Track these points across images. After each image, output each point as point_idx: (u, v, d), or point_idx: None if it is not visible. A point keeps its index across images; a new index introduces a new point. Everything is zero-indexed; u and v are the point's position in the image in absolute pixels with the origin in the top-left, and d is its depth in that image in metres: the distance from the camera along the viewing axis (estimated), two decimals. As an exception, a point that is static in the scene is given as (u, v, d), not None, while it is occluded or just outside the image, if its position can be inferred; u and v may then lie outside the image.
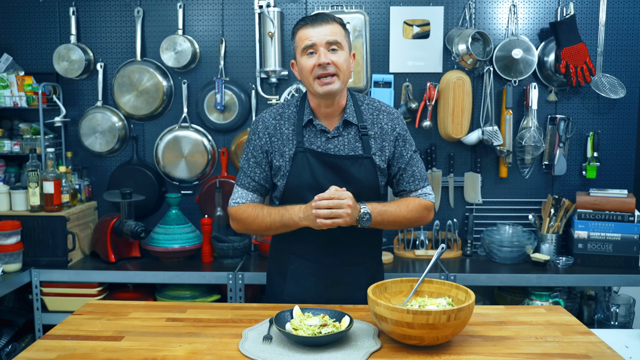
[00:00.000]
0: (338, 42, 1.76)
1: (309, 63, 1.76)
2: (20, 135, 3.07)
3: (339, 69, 1.75)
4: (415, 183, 1.89)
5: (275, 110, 1.90)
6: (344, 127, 1.85)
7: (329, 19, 1.78)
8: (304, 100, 1.89)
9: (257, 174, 1.87)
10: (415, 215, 1.86)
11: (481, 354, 1.46)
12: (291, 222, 1.76)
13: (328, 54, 1.75)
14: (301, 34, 1.79)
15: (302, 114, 1.86)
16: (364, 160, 1.83)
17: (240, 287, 2.71)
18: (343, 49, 1.78)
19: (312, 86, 1.78)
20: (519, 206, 3.14)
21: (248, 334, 1.58)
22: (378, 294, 1.60)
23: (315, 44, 1.75)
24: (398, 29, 3.04)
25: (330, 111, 1.84)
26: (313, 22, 1.77)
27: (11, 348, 2.73)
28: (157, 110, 3.10)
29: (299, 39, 1.80)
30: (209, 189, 3.10)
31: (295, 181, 1.82)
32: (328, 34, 1.75)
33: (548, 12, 3.05)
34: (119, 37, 3.13)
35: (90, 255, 3.01)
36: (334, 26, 1.78)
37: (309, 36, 1.76)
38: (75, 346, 1.52)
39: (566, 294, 2.81)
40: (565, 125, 3.04)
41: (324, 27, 1.76)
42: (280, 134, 1.85)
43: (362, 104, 1.90)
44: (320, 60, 1.74)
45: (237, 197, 1.88)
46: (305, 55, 1.77)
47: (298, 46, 1.80)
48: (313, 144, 1.84)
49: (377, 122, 1.87)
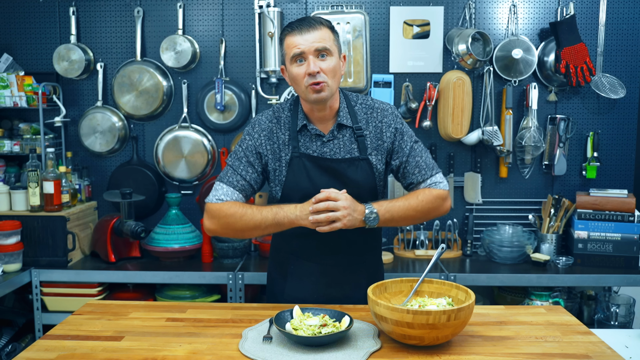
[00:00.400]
0: (327, 49, 1.72)
1: (299, 71, 1.73)
2: (20, 135, 3.07)
3: (328, 76, 1.73)
4: (422, 173, 1.83)
5: (272, 114, 1.87)
6: (339, 130, 1.83)
7: (316, 23, 1.74)
8: (296, 104, 1.86)
9: (248, 173, 1.81)
10: (428, 206, 1.79)
11: (481, 354, 1.46)
12: (286, 220, 1.71)
13: (317, 62, 1.71)
14: (289, 41, 1.74)
15: (295, 119, 1.84)
16: (360, 162, 1.82)
17: (240, 287, 2.71)
18: (332, 54, 1.74)
19: (304, 93, 1.75)
20: (519, 206, 3.14)
21: (248, 334, 1.58)
22: (378, 294, 1.60)
23: (304, 52, 1.71)
24: (398, 29, 3.04)
25: (323, 115, 1.82)
26: (300, 29, 1.73)
27: (11, 348, 2.73)
28: (157, 110, 3.10)
29: (287, 46, 1.75)
30: (209, 189, 3.10)
31: (292, 186, 1.81)
32: (316, 41, 1.71)
33: (548, 12, 3.05)
34: (119, 37, 3.13)
35: (90, 255, 3.01)
36: (322, 31, 1.73)
37: (297, 44, 1.72)
38: (75, 346, 1.52)
39: (566, 294, 2.81)
40: (565, 125, 3.04)
41: (312, 33, 1.72)
42: (277, 138, 1.83)
43: (355, 104, 1.87)
44: (309, 69, 1.70)
45: (221, 194, 1.77)
46: (295, 63, 1.74)
47: (287, 54, 1.76)
48: (309, 148, 1.82)
49: (371, 120, 1.84)
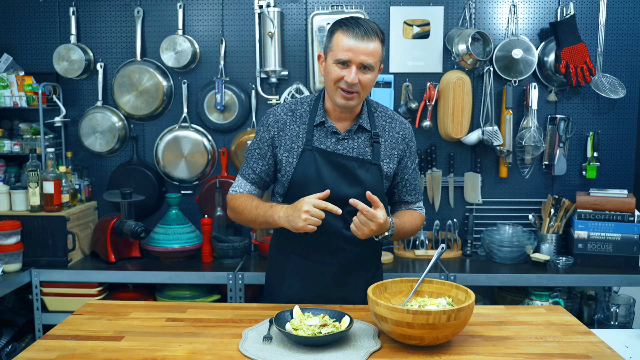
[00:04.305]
0: (372, 65, 1.72)
1: (339, 73, 1.73)
2: (20, 135, 3.07)
3: (362, 88, 1.74)
4: (416, 196, 1.98)
5: (288, 106, 1.90)
6: (356, 132, 1.86)
7: (372, 33, 1.71)
8: (318, 99, 1.88)
9: (259, 166, 1.88)
10: (416, 230, 1.97)
11: (481, 354, 1.46)
12: (271, 219, 1.75)
13: (359, 73, 1.72)
14: (340, 41, 1.72)
15: (314, 114, 1.85)
16: (371, 166, 1.84)
17: (240, 287, 2.71)
18: (374, 70, 1.75)
19: (333, 93, 1.77)
20: (519, 206, 3.14)
21: (248, 334, 1.58)
22: (378, 294, 1.60)
23: (351, 60, 1.71)
24: (398, 29, 3.04)
25: (345, 115, 1.85)
26: (355, 33, 1.70)
27: (11, 348, 2.73)
28: (157, 110, 3.10)
29: (336, 45, 1.73)
30: (209, 189, 3.10)
31: (300, 178, 1.82)
32: (366, 54, 1.70)
33: (548, 12, 3.05)
34: (119, 37, 3.13)
35: (90, 255, 3.01)
36: (375, 44, 1.72)
37: (348, 48, 1.70)
38: (75, 346, 1.52)
39: (566, 294, 2.81)
40: (565, 125, 3.04)
41: (366, 43, 1.70)
42: (290, 130, 1.85)
43: (375, 111, 1.91)
44: (349, 78, 1.71)
45: (236, 186, 1.91)
46: (337, 65, 1.73)
47: (333, 49, 1.74)
48: (323, 143, 1.84)
49: (388, 129, 1.89)
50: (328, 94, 1.83)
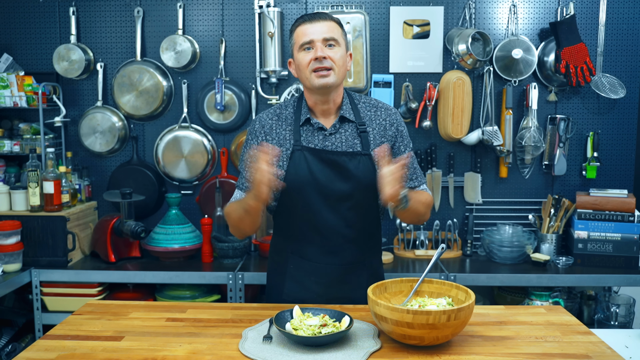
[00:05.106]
0: (335, 39, 1.80)
1: (306, 58, 1.79)
2: (20, 135, 3.07)
3: (335, 64, 1.78)
4: (419, 179, 1.93)
5: (273, 111, 1.92)
6: (341, 124, 1.86)
7: (326, 17, 1.83)
8: (300, 100, 1.90)
9: None
10: (427, 209, 1.87)
11: (481, 354, 1.46)
12: (244, 203, 1.73)
13: (325, 49, 1.78)
14: (299, 31, 1.82)
15: (299, 114, 1.87)
16: (362, 157, 1.83)
17: (240, 287, 2.71)
18: (339, 45, 1.81)
19: (309, 80, 1.80)
20: (519, 206, 3.14)
21: (248, 334, 1.58)
22: (378, 294, 1.60)
23: (313, 40, 1.78)
24: (398, 29, 3.04)
25: (326, 108, 1.85)
26: (311, 19, 1.81)
27: (11, 348, 2.73)
28: (157, 110, 3.10)
29: (296, 35, 1.83)
30: (209, 189, 3.10)
31: (293, 179, 1.82)
32: (325, 31, 1.79)
33: (548, 12, 3.05)
34: (119, 37, 3.13)
35: (90, 255, 3.01)
36: (331, 24, 1.82)
37: (307, 33, 1.79)
38: (75, 346, 1.52)
39: (566, 294, 2.81)
40: (565, 125, 3.04)
41: (322, 23, 1.80)
42: (277, 134, 1.86)
43: (358, 102, 1.91)
44: (317, 54, 1.77)
45: (232, 199, 1.90)
46: (303, 51, 1.81)
47: (296, 42, 1.83)
48: (311, 142, 1.84)
49: (375, 118, 1.89)
50: (305, 86, 1.85)
